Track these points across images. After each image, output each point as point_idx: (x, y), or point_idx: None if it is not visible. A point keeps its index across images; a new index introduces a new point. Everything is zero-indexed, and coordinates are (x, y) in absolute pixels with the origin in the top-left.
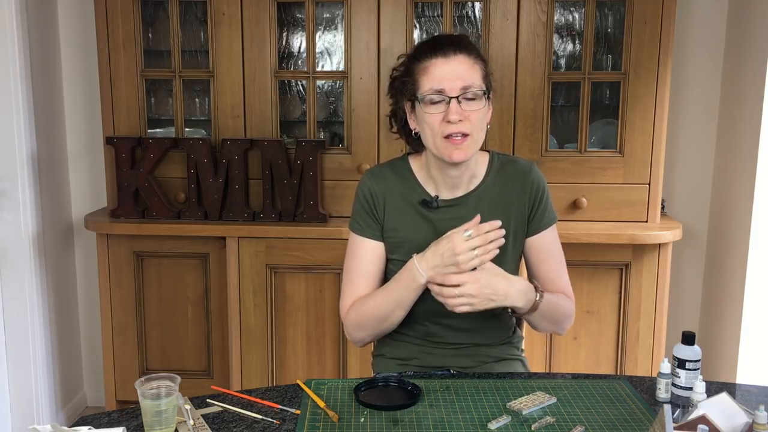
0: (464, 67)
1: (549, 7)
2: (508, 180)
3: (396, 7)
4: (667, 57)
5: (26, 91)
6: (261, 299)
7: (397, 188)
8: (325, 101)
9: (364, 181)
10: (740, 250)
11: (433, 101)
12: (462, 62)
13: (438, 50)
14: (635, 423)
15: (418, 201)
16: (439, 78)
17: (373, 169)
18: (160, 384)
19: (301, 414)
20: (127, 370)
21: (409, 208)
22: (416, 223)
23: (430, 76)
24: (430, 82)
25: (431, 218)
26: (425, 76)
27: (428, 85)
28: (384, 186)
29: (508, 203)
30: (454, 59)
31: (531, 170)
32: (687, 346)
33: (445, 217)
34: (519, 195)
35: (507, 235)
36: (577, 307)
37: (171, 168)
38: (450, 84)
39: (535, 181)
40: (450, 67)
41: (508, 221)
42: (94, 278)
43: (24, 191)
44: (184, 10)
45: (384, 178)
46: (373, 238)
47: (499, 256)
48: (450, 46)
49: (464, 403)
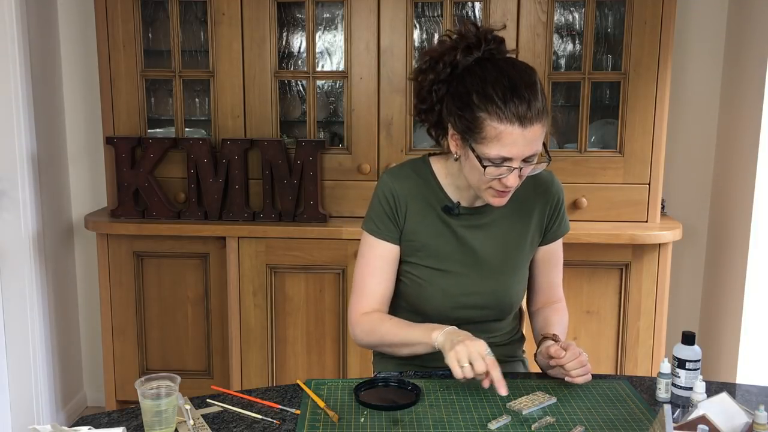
0: (536, 135)
1: (549, 7)
2: (528, 189)
3: (396, 7)
4: (667, 57)
5: (26, 91)
6: (261, 299)
7: (419, 191)
8: (325, 101)
9: (386, 182)
10: (740, 250)
11: (496, 164)
12: (537, 131)
13: (518, 118)
14: (635, 423)
15: (440, 206)
16: (510, 148)
17: (394, 170)
18: (160, 384)
19: (301, 414)
20: (127, 370)
21: (431, 212)
22: (437, 228)
23: (502, 144)
24: (500, 149)
25: (451, 224)
26: (496, 140)
27: (496, 152)
28: (407, 188)
29: (530, 211)
30: (530, 130)
31: (553, 181)
32: (687, 346)
33: (466, 224)
34: (542, 205)
35: (524, 243)
36: (577, 307)
37: (171, 168)
38: (520, 154)
39: (557, 192)
40: (524, 139)
41: (527, 229)
42: (94, 278)
43: (24, 191)
44: (184, 10)
45: (406, 180)
46: (389, 241)
47: (515, 263)
48: (527, 114)
49: (464, 403)
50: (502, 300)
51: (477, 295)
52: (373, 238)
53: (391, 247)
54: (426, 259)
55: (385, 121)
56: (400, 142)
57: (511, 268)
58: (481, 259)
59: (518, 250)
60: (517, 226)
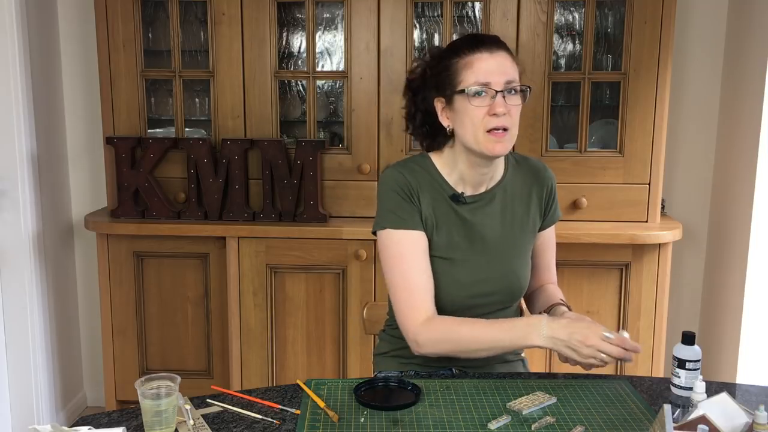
0: (507, 62)
1: (549, 7)
2: (526, 175)
3: (396, 7)
4: (667, 57)
5: (26, 91)
6: (261, 299)
7: (427, 181)
8: (325, 101)
9: (392, 174)
10: (740, 250)
11: (478, 94)
12: (505, 58)
13: (482, 45)
14: (635, 423)
15: (448, 195)
16: (484, 72)
17: (398, 164)
18: (160, 384)
19: (301, 414)
20: (127, 370)
21: (442, 201)
22: (450, 216)
23: (475, 70)
24: (475, 75)
25: (461, 213)
26: (469, 70)
27: (473, 79)
28: (415, 178)
29: (529, 197)
30: (498, 54)
31: (545, 168)
32: (687, 346)
33: (474, 212)
34: (538, 190)
35: (527, 226)
36: (577, 307)
37: (171, 168)
38: (496, 78)
39: (550, 178)
40: (495, 62)
41: (528, 213)
42: (94, 278)
43: (24, 191)
44: (184, 10)
45: (410, 171)
46: (417, 228)
47: (521, 246)
48: (493, 43)
49: (464, 403)
50: (512, 283)
51: (487, 281)
52: (400, 231)
53: (420, 234)
54: (439, 250)
55: (385, 121)
56: (400, 142)
57: (518, 251)
58: (489, 245)
59: (523, 233)
60: (520, 210)
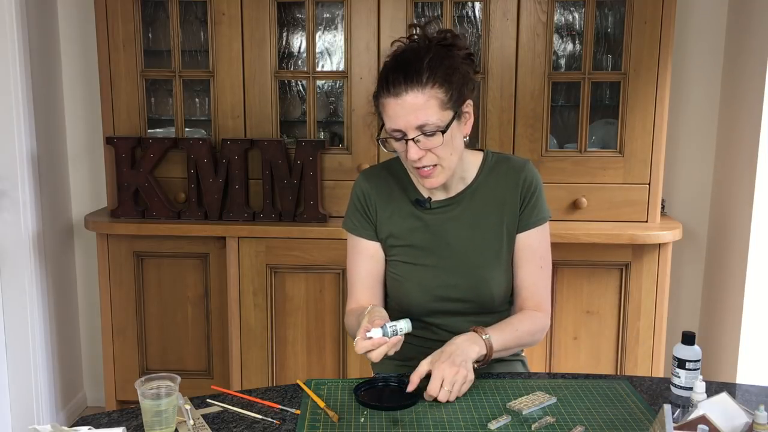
0: (416, 104)
1: (549, 7)
2: (500, 178)
3: (396, 7)
4: (667, 57)
5: (26, 91)
6: (261, 299)
7: (390, 188)
8: (325, 101)
9: (358, 181)
10: (740, 250)
11: (395, 140)
12: (414, 99)
13: (390, 89)
14: (635, 423)
15: (411, 200)
16: (395, 119)
17: (367, 170)
18: (160, 384)
19: (301, 414)
20: (127, 370)
21: (403, 208)
22: (409, 223)
23: (389, 116)
24: (389, 121)
25: (424, 218)
26: (385, 114)
27: (389, 124)
28: (376, 186)
29: (501, 201)
30: (405, 98)
31: (524, 167)
32: (687, 346)
33: (438, 217)
34: (512, 191)
35: (500, 232)
36: (577, 307)
37: (171, 168)
38: (405, 124)
39: (528, 176)
40: (402, 109)
41: (501, 219)
42: (94, 278)
43: (24, 191)
44: (184, 10)
45: (377, 178)
46: (367, 237)
47: (492, 254)
48: (400, 85)
49: (464, 403)
50: (481, 292)
51: (455, 287)
52: (353, 236)
53: (370, 243)
54: (402, 255)
55: None
56: None
57: (488, 259)
58: (456, 251)
59: (494, 240)
60: (491, 216)
